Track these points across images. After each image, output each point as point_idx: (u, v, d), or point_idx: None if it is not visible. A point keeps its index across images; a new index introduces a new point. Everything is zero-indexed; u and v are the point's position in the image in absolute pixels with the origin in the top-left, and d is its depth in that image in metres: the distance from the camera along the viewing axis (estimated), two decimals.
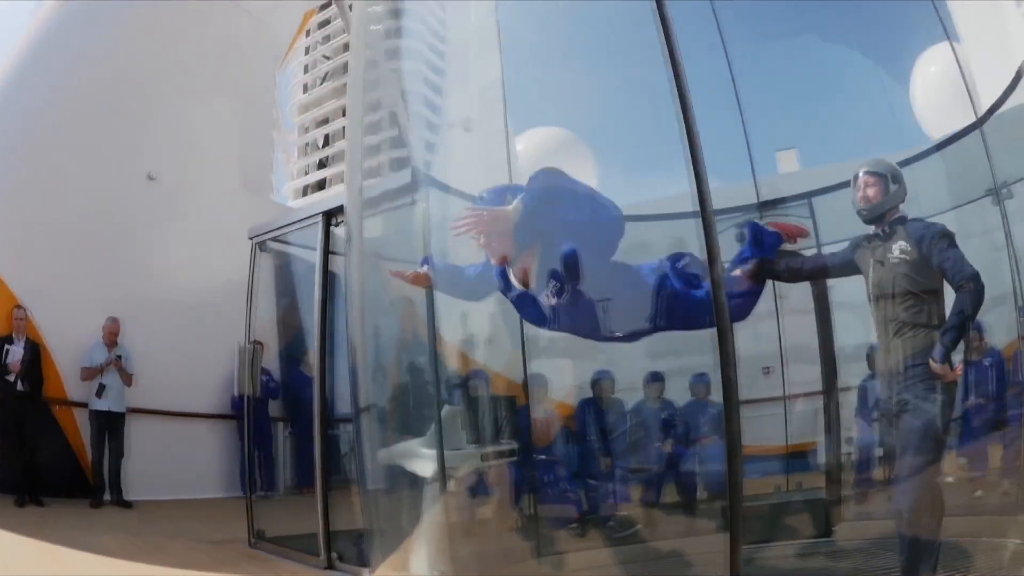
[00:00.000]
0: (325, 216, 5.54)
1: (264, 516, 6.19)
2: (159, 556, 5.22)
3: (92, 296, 7.68)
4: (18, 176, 7.77)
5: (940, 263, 3.32)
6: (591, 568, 4.72)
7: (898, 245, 3.45)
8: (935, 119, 4.84)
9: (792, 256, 3.81)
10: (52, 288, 7.52)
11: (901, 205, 3.55)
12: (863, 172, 3.58)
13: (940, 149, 4.57)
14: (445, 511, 4.26)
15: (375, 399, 4.23)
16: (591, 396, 5.88)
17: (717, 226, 3.02)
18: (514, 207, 3.05)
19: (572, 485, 5.45)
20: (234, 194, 9.28)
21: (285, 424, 8.07)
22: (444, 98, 5.07)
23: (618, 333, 3.46)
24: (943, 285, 3.37)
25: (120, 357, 7.57)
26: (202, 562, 5.24)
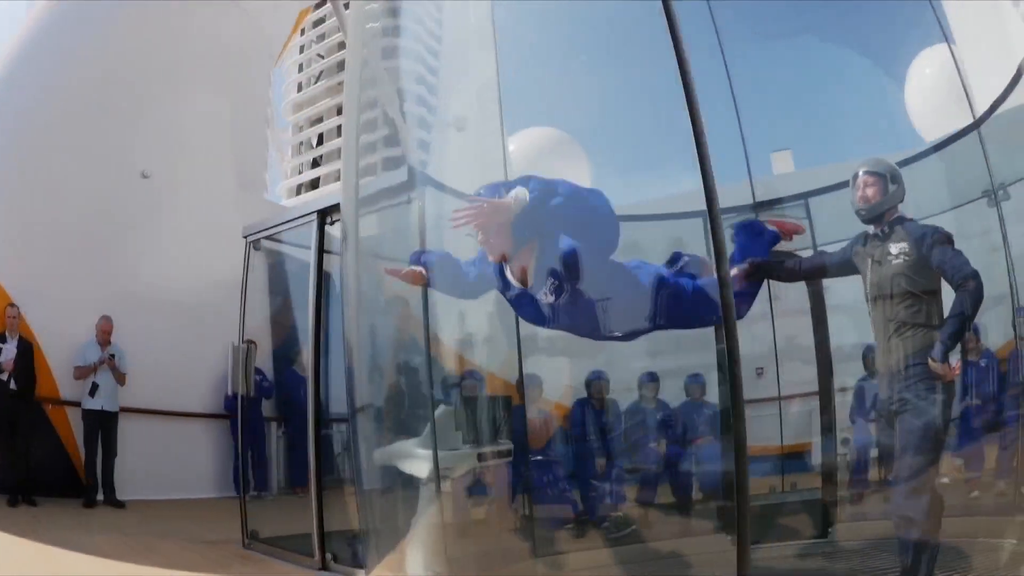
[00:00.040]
0: (319, 215, 5.53)
1: (258, 516, 6.18)
2: (152, 556, 5.20)
3: (85, 295, 7.64)
4: (10, 175, 7.72)
5: (940, 263, 3.33)
6: (588, 568, 4.72)
7: (897, 245, 3.46)
8: (932, 120, 4.84)
9: (790, 256, 3.81)
10: (45, 286, 7.48)
11: (900, 205, 3.55)
12: (862, 172, 3.58)
13: (937, 150, 4.57)
14: (441, 512, 4.24)
15: (371, 399, 4.20)
16: (586, 396, 5.87)
17: None
18: (515, 198, 2.94)
19: (567, 485, 5.44)
20: (228, 193, 9.23)
21: (278, 424, 8.02)
22: (440, 97, 5.05)
23: (617, 332, 3.44)
24: (942, 285, 3.37)
25: (113, 356, 7.53)
26: (195, 562, 5.23)
